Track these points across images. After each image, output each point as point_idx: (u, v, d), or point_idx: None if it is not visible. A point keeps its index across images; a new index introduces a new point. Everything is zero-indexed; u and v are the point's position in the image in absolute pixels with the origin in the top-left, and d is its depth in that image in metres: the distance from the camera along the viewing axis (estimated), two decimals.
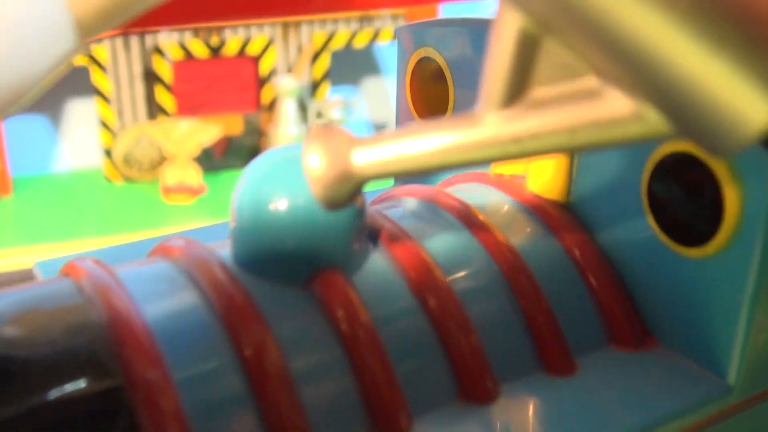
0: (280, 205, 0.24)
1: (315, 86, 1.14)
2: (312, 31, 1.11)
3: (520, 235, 0.28)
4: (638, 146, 0.26)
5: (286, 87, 1.07)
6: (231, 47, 1.07)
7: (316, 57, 1.12)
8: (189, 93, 1.08)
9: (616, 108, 0.17)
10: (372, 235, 0.27)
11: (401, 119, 0.36)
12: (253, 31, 1.08)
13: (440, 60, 0.33)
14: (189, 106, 1.08)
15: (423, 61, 0.34)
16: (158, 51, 1.04)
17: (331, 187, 0.19)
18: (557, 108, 0.17)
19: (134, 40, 1.03)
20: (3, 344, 0.21)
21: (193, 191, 1.03)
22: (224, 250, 0.26)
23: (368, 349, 0.23)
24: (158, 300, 0.23)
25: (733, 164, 0.23)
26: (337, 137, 0.19)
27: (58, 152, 1.12)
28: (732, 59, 0.14)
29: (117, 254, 0.30)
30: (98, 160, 1.09)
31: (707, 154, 0.23)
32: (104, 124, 1.06)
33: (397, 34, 0.35)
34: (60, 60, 0.17)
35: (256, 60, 1.09)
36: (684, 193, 0.24)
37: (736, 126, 0.15)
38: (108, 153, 1.06)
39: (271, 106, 1.11)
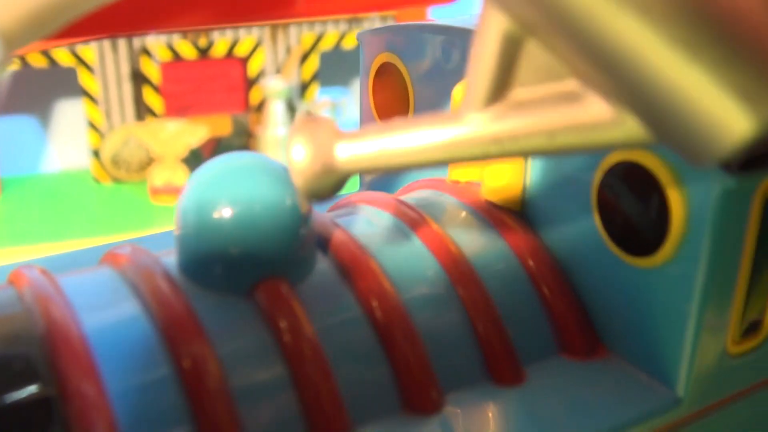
0: (224, 212, 0.24)
1: (304, 87, 1.13)
2: (301, 33, 1.10)
3: (473, 243, 0.27)
4: (588, 155, 0.25)
5: (274, 88, 1.07)
6: (219, 48, 1.06)
7: (304, 58, 1.12)
8: (177, 94, 1.08)
9: (595, 112, 0.16)
10: (321, 242, 0.26)
11: (364, 122, 0.36)
12: (242, 32, 1.07)
13: (400, 65, 0.33)
14: (177, 107, 1.07)
15: (384, 66, 0.34)
16: (146, 52, 1.04)
17: (313, 181, 0.19)
18: (538, 110, 0.17)
19: (122, 42, 1.02)
20: None
21: (181, 192, 1.03)
22: (171, 258, 0.25)
23: (310, 363, 0.23)
24: (98, 310, 0.23)
25: (678, 175, 0.23)
26: (322, 130, 0.19)
27: (46, 153, 1.12)
28: (711, 69, 0.14)
29: (70, 261, 0.29)
30: (86, 161, 1.09)
31: (685, 162, 0.23)
32: (92, 125, 1.05)
33: (359, 39, 0.35)
34: None
35: (244, 61, 1.09)
36: (632, 202, 0.24)
37: (715, 137, 0.14)
38: (96, 154, 1.06)
39: (260, 107, 1.10)
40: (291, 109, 1.12)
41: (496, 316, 0.25)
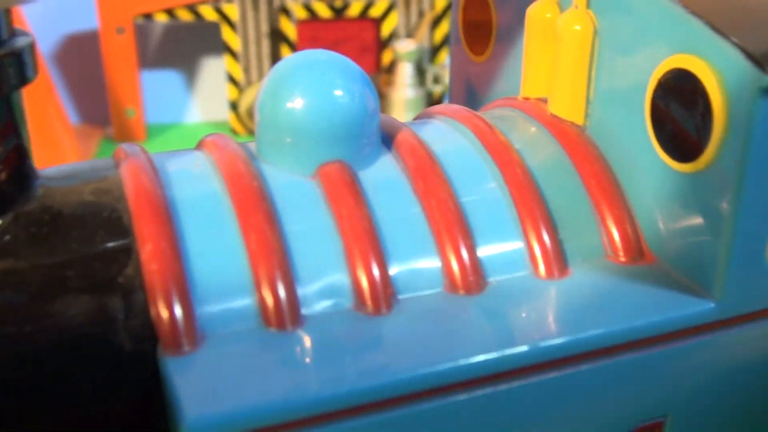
0: (296, 103, 0.26)
1: (434, 51, 1.15)
2: None
3: (533, 152, 0.29)
4: (644, 65, 0.26)
5: (405, 50, 1.10)
6: (354, 9, 1.10)
7: (436, 22, 1.14)
8: None
9: None
10: (388, 140, 0.29)
11: (453, 49, 0.38)
12: None
13: None
14: None
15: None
16: (285, 11, 1.08)
17: None
18: None
19: (262, 0, 1.07)
20: (45, 196, 0.25)
21: None
22: (254, 145, 0.28)
23: (362, 242, 0.25)
24: (182, 183, 0.26)
25: (722, 79, 0.23)
26: None
27: (189, 104, 1.19)
28: None
29: None
30: (225, 114, 1.15)
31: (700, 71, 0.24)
32: (232, 79, 1.11)
33: None
34: None
35: (377, 22, 1.12)
36: (680, 108, 0.25)
37: None
38: (234, 107, 1.12)
39: (390, 68, 1.13)
40: (420, 71, 1.14)
41: (545, 215, 0.27)
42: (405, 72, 1.11)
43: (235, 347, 0.23)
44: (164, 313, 0.23)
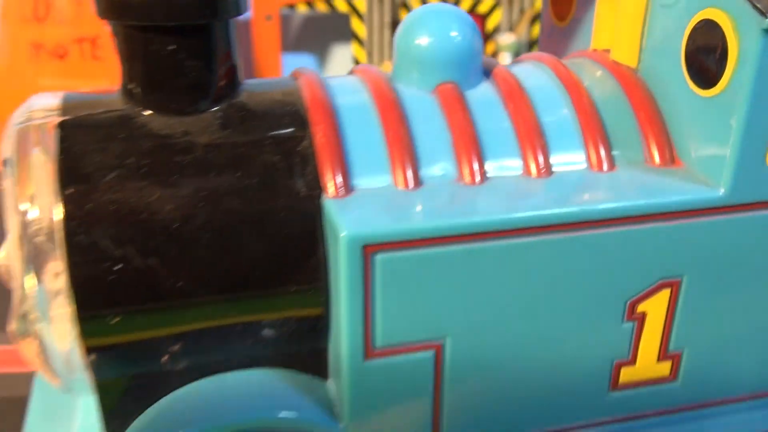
0: (422, 41, 0.33)
1: (531, 44, 1.20)
2: None
3: (596, 84, 0.35)
4: (682, 19, 0.32)
5: (505, 41, 1.15)
6: (463, 5, 1.16)
7: (534, 19, 1.19)
8: None
9: None
10: (488, 73, 0.35)
11: (543, 17, 0.44)
12: None
13: None
14: None
15: None
16: (404, 5, 1.16)
17: None
18: None
19: None
20: (248, 96, 0.32)
21: None
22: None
23: (464, 138, 0.32)
24: (342, 94, 0.34)
25: (737, 26, 0.29)
26: None
27: None
28: None
29: None
30: None
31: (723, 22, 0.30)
32: (357, 63, 1.19)
33: None
34: None
35: (483, 18, 1.17)
36: (705, 48, 0.31)
37: None
38: None
39: (492, 57, 1.19)
40: None
41: (602, 132, 0.33)
42: (505, 61, 1.16)
43: (374, 197, 0.30)
44: (327, 171, 0.30)
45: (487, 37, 1.18)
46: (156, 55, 0.30)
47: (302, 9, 1.17)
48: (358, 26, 1.17)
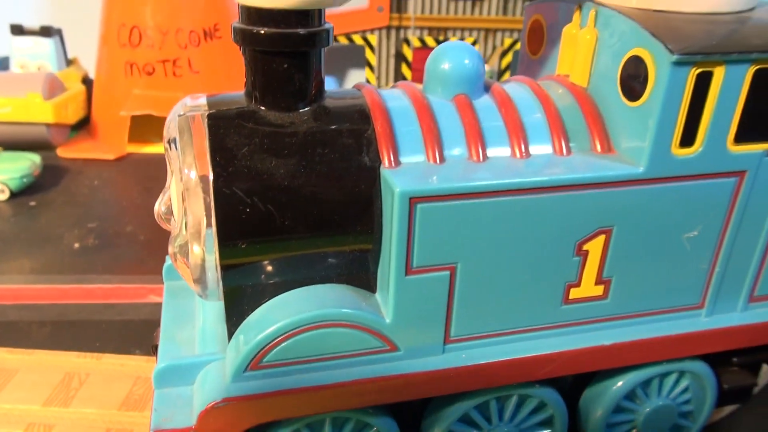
0: (444, 65, 0.39)
1: (501, 73, 1.27)
2: (504, 36, 1.23)
3: (559, 96, 0.41)
4: (618, 55, 0.38)
5: None
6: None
7: (504, 53, 1.25)
8: (421, 69, 1.25)
9: None
10: (487, 88, 0.41)
11: (520, 53, 0.50)
12: (465, 33, 1.22)
13: (542, 21, 0.47)
14: (419, 78, 1.24)
15: (535, 22, 0.48)
16: (406, 41, 1.21)
17: None
18: None
19: (392, 32, 1.21)
20: (330, 100, 0.38)
21: None
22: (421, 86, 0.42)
23: (473, 132, 0.38)
24: (391, 100, 0.39)
25: (654, 60, 0.35)
26: None
27: None
28: None
29: None
30: None
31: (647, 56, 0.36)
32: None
33: (525, 9, 0.49)
34: None
35: None
36: (633, 74, 0.37)
37: None
38: None
39: None
40: None
41: (563, 131, 0.39)
42: None
43: (414, 168, 0.36)
44: (383, 150, 0.37)
45: None
46: (273, 71, 0.36)
47: None
48: (370, 56, 1.23)
